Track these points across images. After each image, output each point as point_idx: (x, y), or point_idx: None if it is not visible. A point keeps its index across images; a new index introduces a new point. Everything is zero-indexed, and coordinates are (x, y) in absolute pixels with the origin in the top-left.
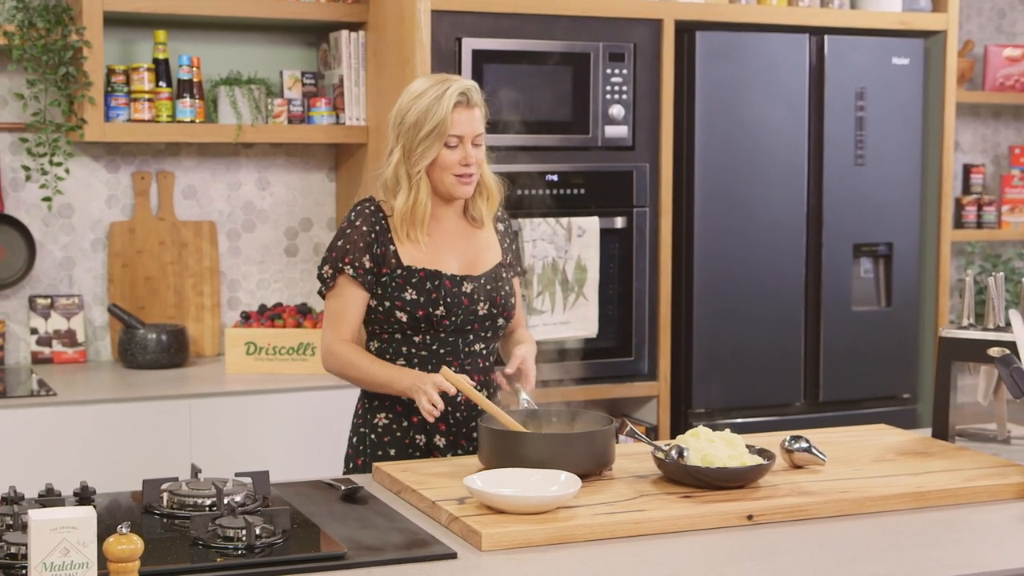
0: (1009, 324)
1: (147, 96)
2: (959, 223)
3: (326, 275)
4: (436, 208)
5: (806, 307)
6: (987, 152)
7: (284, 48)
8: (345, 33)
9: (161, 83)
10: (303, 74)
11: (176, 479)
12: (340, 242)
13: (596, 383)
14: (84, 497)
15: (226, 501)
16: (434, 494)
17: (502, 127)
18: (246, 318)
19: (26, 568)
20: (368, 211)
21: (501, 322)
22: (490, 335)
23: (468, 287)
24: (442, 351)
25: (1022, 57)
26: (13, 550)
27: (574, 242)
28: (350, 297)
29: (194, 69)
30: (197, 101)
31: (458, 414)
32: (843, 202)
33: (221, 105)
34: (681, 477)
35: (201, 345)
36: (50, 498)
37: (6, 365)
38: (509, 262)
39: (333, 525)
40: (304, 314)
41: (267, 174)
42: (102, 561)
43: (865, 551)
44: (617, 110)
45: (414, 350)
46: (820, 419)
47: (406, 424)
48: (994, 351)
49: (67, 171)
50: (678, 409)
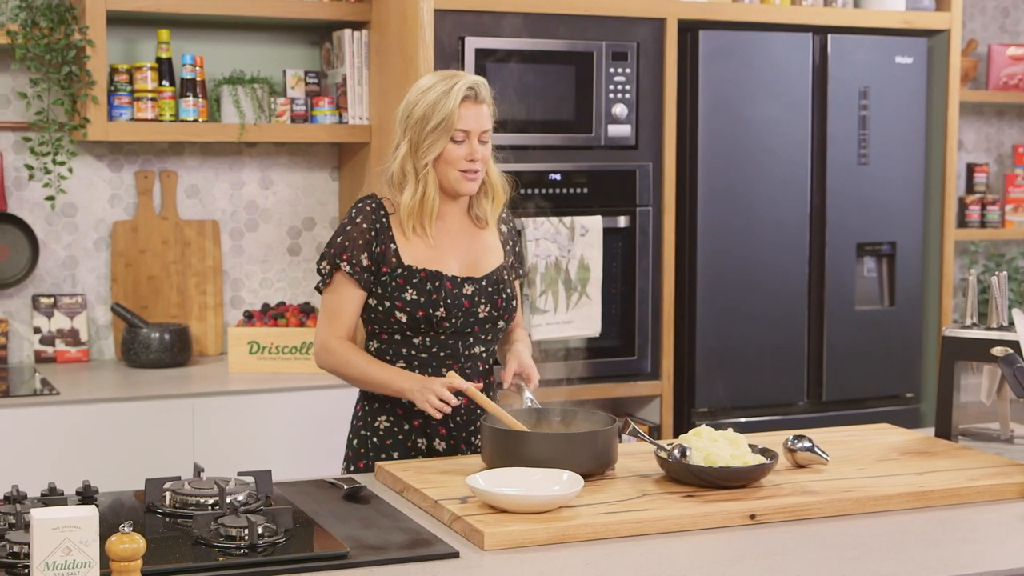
0: (1012, 323)
1: (150, 95)
2: (962, 222)
3: (323, 271)
4: (440, 205)
5: (809, 306)
6: (991, 151)
7: (287, 47)
8: (348, 32)
9: (164, 82)
10: (306, 73)
11: (179, 478)
12: (339, 238)
13: (599, 382)
14: (87, 496)
15: (228, 500)
16: (436, 493)
17: (505, 126)
18: (249, 317)
19: (28, 567)
20: (369, 208)
21: (502, 325)
22: (490, 338)
23: (469, 289)
24: (442, 353)
25: None
26: (15, 549)
27: (577, 241)
28: (346, 294)
29: (197, 68)
30: (200, 100)
31: (458, 418)
32: (846, 201)
33: (224, 104)
34: (684, 476)
35: (204, 344)
36: (52, 497)
37: (9, 364)
38: (511, 264)
39: (335, 524)
40: (307, 313)
41: (270, 173)
42: (104, 560)
43: (868, 551)
44: (620, 109)
45: (414, 352)
46: (823, 418)
47: (407, 427)
48: (997, 350)
49: (70, 170)
50: (681, 408)
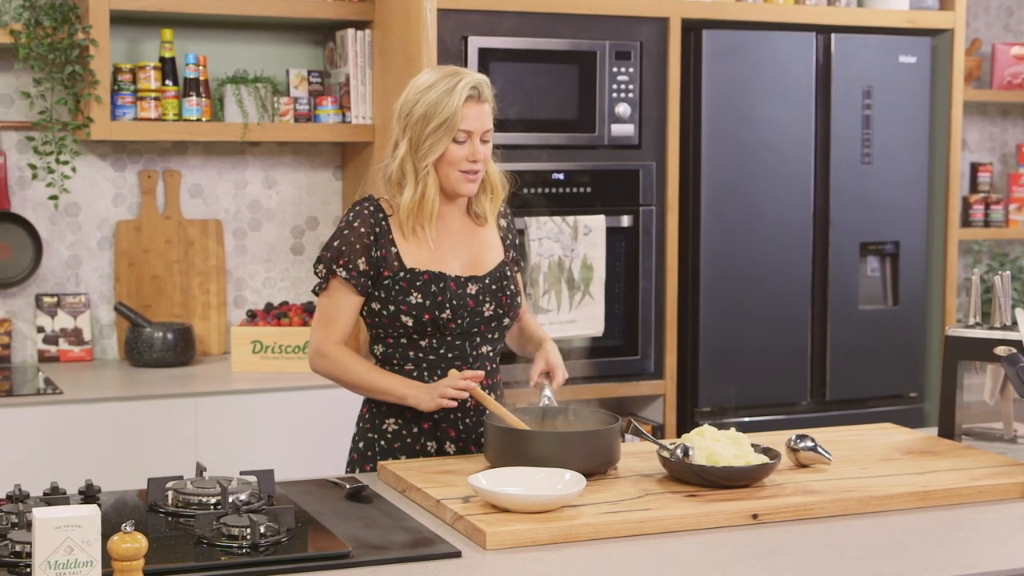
0: (1016, 323)
1: (153, 95)
2: (966, 222)
3: (320, 274)
4: (440, 205)
5: (813, 306)
6: (994, 151)
7: (290, 47)
8: (351, 32)
9: (167, 82)
10: (309, 73)
11: (181, 478)
12: (336, 242)
13: (602, 382)
14: (89, 496)
15: (231, 500)
16: (439, 493)
17: (508, 126)
18: (252, 317)
19: (30, 566)
20: (367, 211)
21: (507, 322)
22: (496, 336)
23: (473, 288)
24: (450, 355)
25: None
26: (18, 548)
27: (580, 241)
28: (342, 300)
29: (200, 68)
30: (203, 100)
31: (468, 420)
32: (850, 200)
33: (227, 104)
34: (686, 476)
35: (207, 344)
36: (55, 496)
37: (13, 363)
38: (511, 258)
39: (337, 524)
40: (310, 313)
41: (273, 173)
42: (106, 560)
43: (870, 550)
44: (623, 108)
45: (421, 354)
46: (827, 418)
47: (416, 430)
48: (1000, 350)
49: (74, 169)
50: (684, 408)
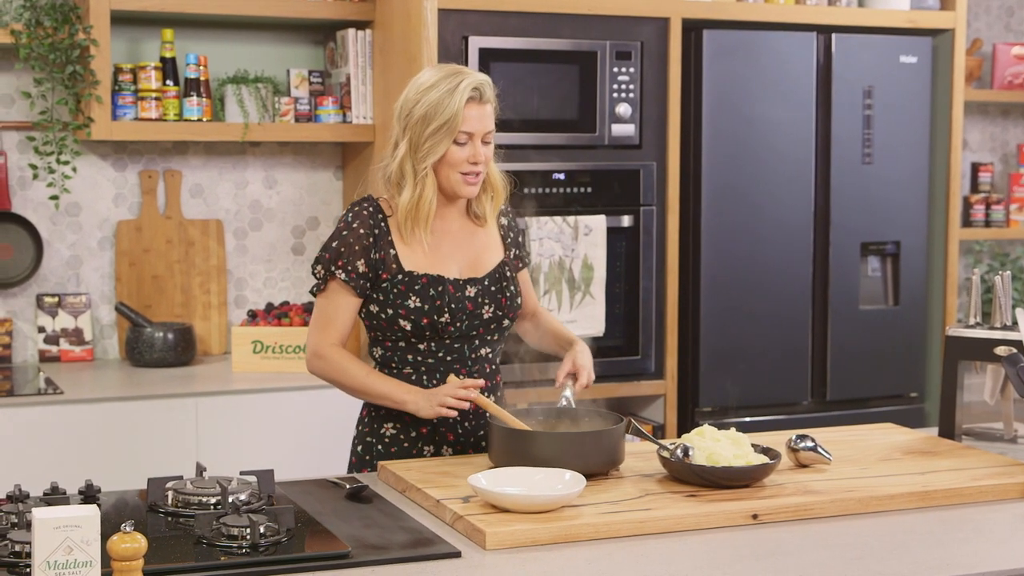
0: (1016, 323)
1: (154, 95)
2: (967, 221)
3: (318, 275)
4: (439, 206)
5: (813, 306)
6: (995, 151)
7: (291, 47)
8: (352, 32)
9: (168, 82)
10: (310, 73)
11: (181, 478)
12: (335, 243)
13: (603, 382)
14: (89, 496)
15: (231, 500)
16: (439, 493)
17: (508, 126)
18: (253, 316)
19: (30, 566)
20: (366, 212)
21: (507, 323)
22: (496, 338)
23: (472, 290)
24: (448, 358)
25: None
26: (17, 548)
27: (581, 241)
28: (340, 301)
29: (201, 68)
30: (204, 100)
31: (467, 423)
32: (851, 200)
33: (228, 104)
34: (686, 476)
35: (208, 343)
36: (55, 496)
37: (13, 363)
38: (514, 256)
39: (337, 524)
40: (311, 313)
41: (274, 173)
42: (106, 560)
43: (870, 550)
44: (624, 108)
45: (420, 357)
46: (827, 418)
47: (414, 435)
48: (1001, 350)
49: (74, 170)
50: (685, 408)
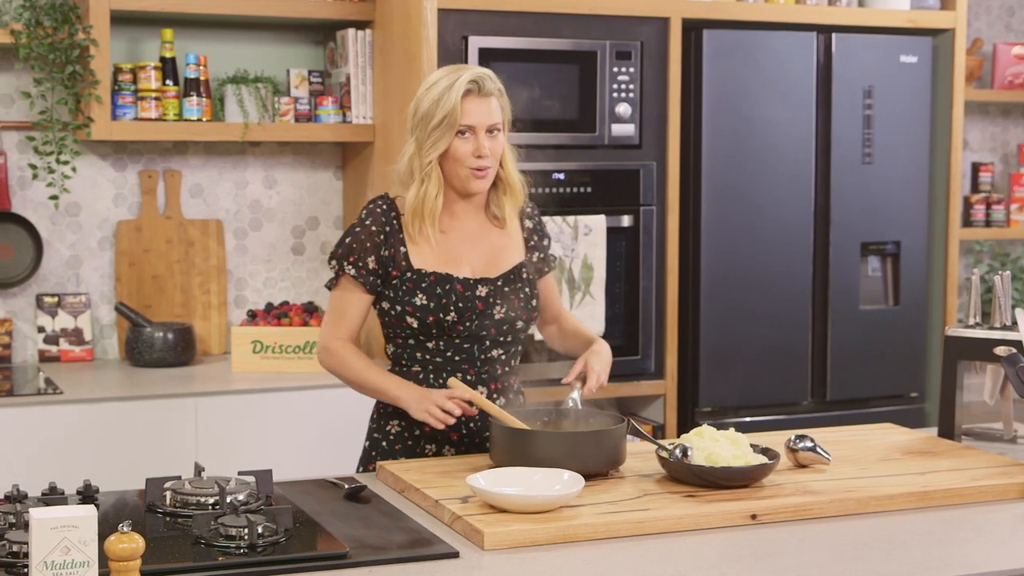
0: (1016, 323)
1: (154, 95)
2: (967, 221)
3: (333, 269)
4: (454, 205)
5: (813, 306)
6: (996, 150)
7: (291, 47)
8: (352, 31)
9: (168, 82)
10: (310, 72)
11: (179, 478)
12: (348, 239)
13: None
14: (87, 496)
15: (229, 500)
16: (437, 493)
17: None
18: (253, 316)
19: (27, 567)
20: (380, 210)
21: (521, 325)
22: (509, 340)
23: (483, 291)
24: (457, 358)
25: None
26: (15, 548)
27: (581, 241)
28: (351, 297)
29: (201, 68)
30: (204, 100)
31: (472, 424)
32: (851, 200)
33: (228, 104)
34: (685, 476)
35: (208, 343)
36: (53, 497)
37: (13, 363)
38: (536, 260)
39: (336, 524)
40: (310, 312)
41: (274, 172)
42: (103, 560)
43: (870, 551)
44: (624, 108)
45: (428, 356)
46: (827, 418)
47: (418, 433)
48: (1000, 350)
49: (74, 169)
50: (685, 408)
